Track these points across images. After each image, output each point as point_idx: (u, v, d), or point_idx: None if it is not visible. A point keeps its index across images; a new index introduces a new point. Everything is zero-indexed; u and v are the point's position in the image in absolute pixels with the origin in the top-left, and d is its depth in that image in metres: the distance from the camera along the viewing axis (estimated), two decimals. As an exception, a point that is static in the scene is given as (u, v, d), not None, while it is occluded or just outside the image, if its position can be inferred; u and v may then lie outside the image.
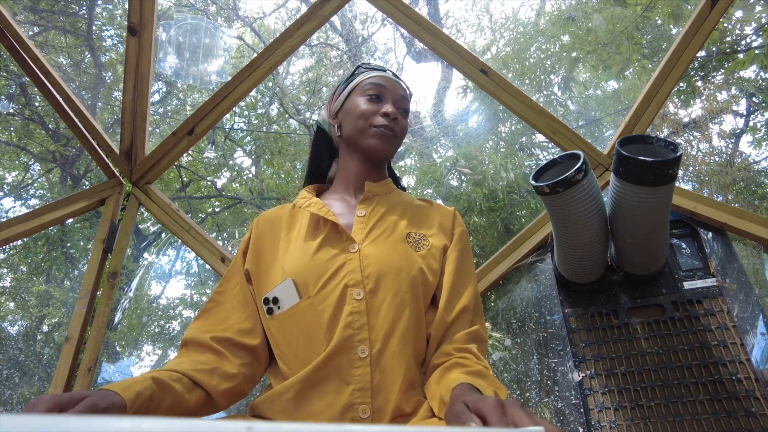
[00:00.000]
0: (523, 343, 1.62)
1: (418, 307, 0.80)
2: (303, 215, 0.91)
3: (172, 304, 7.99)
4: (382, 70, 1.01)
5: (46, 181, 7.37)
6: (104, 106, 6.80)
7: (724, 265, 1.47)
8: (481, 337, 0.83)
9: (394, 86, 0.97)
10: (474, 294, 0.86)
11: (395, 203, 0.94)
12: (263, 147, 7.15)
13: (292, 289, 0.80)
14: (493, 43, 6.75)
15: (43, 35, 6.49)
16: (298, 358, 0.77)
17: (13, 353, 5.51)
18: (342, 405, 0.69)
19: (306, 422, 0.64)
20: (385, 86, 0.96)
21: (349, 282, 0.78)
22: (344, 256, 0.81)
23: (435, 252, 0.87)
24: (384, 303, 0.77)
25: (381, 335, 0.75)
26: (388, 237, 0.85)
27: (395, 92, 0.96)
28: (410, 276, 0.80)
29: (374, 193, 0.93)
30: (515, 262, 1.71)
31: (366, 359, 0.72)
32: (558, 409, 1.43)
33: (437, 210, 0.96)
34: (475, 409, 0.56)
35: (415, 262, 0.83)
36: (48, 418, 0.21)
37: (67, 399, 0.56)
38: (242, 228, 5.78)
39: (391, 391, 0.71)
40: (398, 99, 0.96)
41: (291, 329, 0.79)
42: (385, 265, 0.80)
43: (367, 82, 0.96)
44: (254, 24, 7.93)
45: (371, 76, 0.97)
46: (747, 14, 4.85)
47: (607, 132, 5.96)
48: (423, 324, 0.82)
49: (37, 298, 6.69)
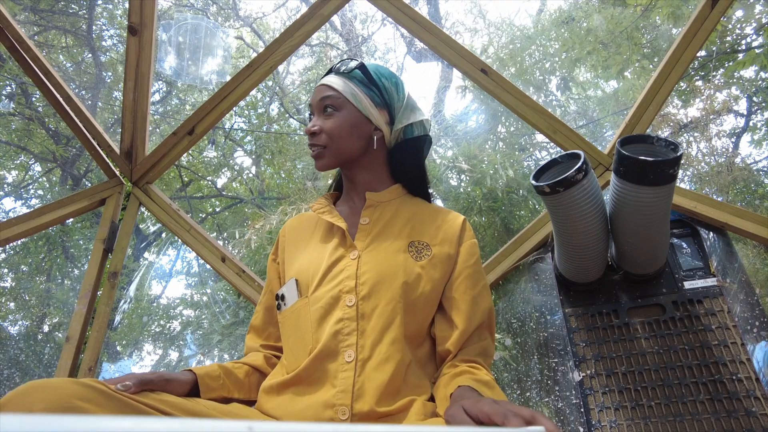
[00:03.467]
0: (524, 342, 1.62)
1: (412, 316, 0.81)
2: (323, 221, 0.95)
3: (173, 303, 7.99)
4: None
5: (46, 181, 7.37)
6: (104, 106, 6.80)
7: (724, 264, 1.47)
8: (489, 352, 0.85)
9: (316, 94, 0.93)
10: (490, 310, 0.87)
11: (400, 211, 0.93)
12: (263, 146, 7.15)
13: (294, 287, 0.85)
14: (490, 45, 6.75)
15: (43, 35, 6.50)
16: (293, 353, 0.82)
17: (13, 353, 5.52)
18: (323, 404, 0.72)
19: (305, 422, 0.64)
20: (310, 103, 0.94)
21: (343, 288, 0.80)
22: (344, 261, 0.84)
23: (437, 262, 0.86)
24: (375, 310, 0.79)
25: (369, 342, 0.76)
26: (388, 245, 0.86)
27: (315, 101, 0.92)
28: (405, 285, 0.81)
29: (377, 201, 0.93)
30: (515, 262, 1.71)
31: (351, 363, 0.75)
32: (558, 408, 1.43)
33: (445, 219, 0.94)
34: (472, 410, 0.57)
35: (412, 271, 0.83)
36: (48, 418, 0.21)
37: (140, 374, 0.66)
38: (242, 228, 5.77)
39: (372, 396, 0.72)
40: (318, 104, 0.92)
41: (290, 325, 0.84)
42: (381, 273, 0.81)
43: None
44: (254, 24, 7.93)
45: None
46: (747, 14, 4.85)
47: (607, 132, 5.96)
48: (419, 332, 0.83)
49: (37, 297, 6.70)
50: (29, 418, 0.20)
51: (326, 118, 0.90)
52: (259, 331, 0.95)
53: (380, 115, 0.93)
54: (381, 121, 0.92)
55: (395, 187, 0.96)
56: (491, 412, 0.53)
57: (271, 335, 0.94)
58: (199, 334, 6.55)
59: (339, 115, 0.90)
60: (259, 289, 1.73)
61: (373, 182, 0.95)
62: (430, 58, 7.49)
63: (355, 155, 0.92)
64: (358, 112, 0.91)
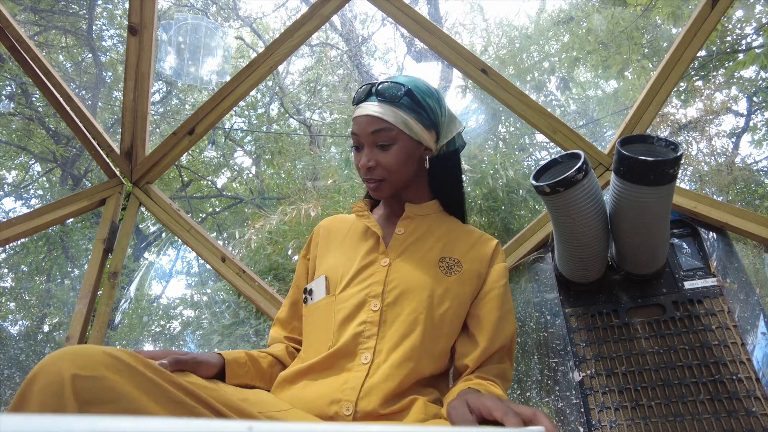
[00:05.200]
0: (524, 342, 1.62)
1: (433, 328, 0.81)
2: (358, 224, 0.97)
3: (173, 303, 8.00)
4: (360, 101, 0.92)
5: (46, 181, 7.37)
6: (104, 106, 6.80)
7: (724, 264, 1.47)
8: (507, 376, 0.85)
9: (364, 126, 0.88)
10: (513, 334, 0.88)
11: (435, 226, 0.94)
12: (263, 147, 7.15)
13: (323, 284, 0.88)
14: (489, 45, 6.75)
15: (44, 35, 6.50)
16: (312, 347, 0.84)
17: (14, 353, 5.52)
18: (330, 398, 0.74)
19: (306, 422, 0.64)
20: (357, 133, 0.89)
21: (370, 293, 0.82)
22: (374, 267, 0.86)
23: (466, 279, 0.87)
24: (398, 318, 0.80)
25: (387, 346, 0.78)
26: (420, 258, 0.87)
27: (365, 133, 0.87)
28: (431, 298, 0.82)
29: (415, 213, 0.94)
30: (515, 262, 1.71)
31: (366, 365, 0.76)
32: (558, 408, 1.43)
33: (478, 239, 0.95)
34: (474, 404, 0.58)
35: (440, 285, 0.84)
36: (48, 418, 0.21)
37: (175, 352, 0.69)
38: (242, 228, 5.77)
39: (378, 397, 0.73)
40: (369, 138, 0.87)
41: (314, 320, 0.87)
42: (409, 284, 0.83)
43: (352, 131, 0.93)
44: (254, 24, 7.93)
45: (353, 120, 0.93)
46: (747, 14, 4.85)
47: (607, 132, 5.96)
48: (437, 345, 0.82)
49: (37, 297, 6.70)
50: (29, 418, 0.20)
51: (381, 152, 0.87)
52: (284, 323, 0.98)
53: (430, 136, 0.91)
54: (431, 142, 0.91)
55: (433, 203, 0.98)
56: (493, 407, 0.54)
57: (296, 329, 0.97)
58: (199, 334, 6.55)
59: (395, 149, 0.87)
60: (259, 290, 1.73)
61: (415, 196, 0.96)
62: (430, 58, 7.49)
63: (410, 180, 0.92)
64: (412, 141, 0.89)
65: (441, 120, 0.93)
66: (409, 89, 0.89)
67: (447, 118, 0.94)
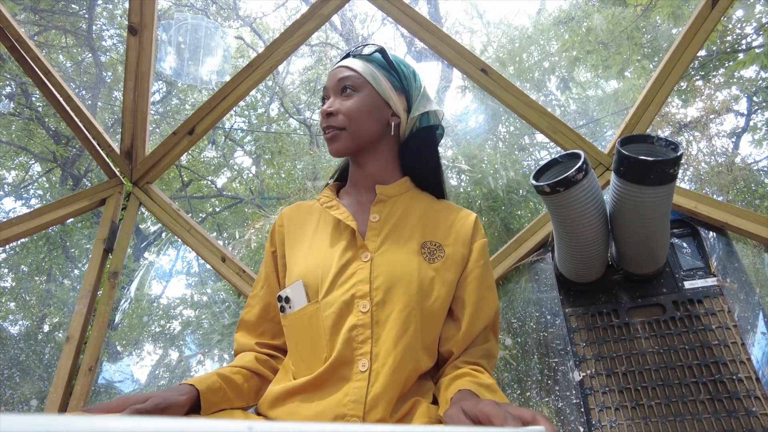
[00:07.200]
0: (524, 342, 1.62)
1: (426, 321, 0.79)
2: (327, 214, 0.90)
3: (173, 303, 7.99)
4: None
5: (46, 181, 7.37)
6: (104, 106, 6.80)
7: (724, 264, 1.47)
8: (493, 353, 0.83)
9: (334, 76, 0.88)
10: (496, 311, 0.85)
11: (411, 207, 0.89)
12: (263, 147, 7.15)
13: (301, 291, 0.80)
14: (489, 45, 6.75)
15: (44, 35, 6.50)
16: (303, 360, 0.78)
17: (14, 353, 5.52)
18: (334, 414, 0.70)
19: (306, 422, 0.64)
20: (326, 85, 0.89)
21: (356, 293, 0.77)
22: (356, 264, 0.80)
23: (450, 264, 0.84)
24: (390, 316, 0.76)
25: (383, 349, 0.74)
26: (401, 247, 0.82)
27: (333, 81, 0.87)
28: (420, 290, 0.78)
29: (387, 194, 0.89)
30: (515, 262, 1.71)
31: (365, 373, 0.72)
32: (558, 408, 1.43)
33: (457, 217, 0.91)
34: (471, 412, 0.57)
35: (427, 275, 0.80)
36: (48, 418, 0.21)
37: (133, 400, 0.62)
38: (242, 228, 5.78)
39: (384, 408, 0.71)
40: (335, 86, 0.87)
41: (299, 331, 0.80)
42: (395, 278, 0.78)
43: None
44: (254, 24, 7.93)
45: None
46: (747, 14, 4.85)
47: (607, 132, 5.96)
48: (431, 338, 0.80)
49: (37, 297, 6.70)
50: (29, 418, 0.20)
51: (344, 99, 0.85)
52: (252, 327, 0.90)
53: (399, 100, 0.89)
54: (399, 107, 0.89)
55: (404, 180, 0.93)
56: (491, 413, 0.53)
57: (267, 332, 0.90)
58: (199, 334, 6.55)
59: (358, 96, 0.85)
60: (259, 289, 1.73)
61: (384, 173, 0.91)
62: (430, 58, 7.48)
63: (371, 140, 0.88)
64: (378, 95, 0.87)
65: (414, 90, 0.91)
66: (383, 48, 0.90)
67: (420, 92, 0.92)
